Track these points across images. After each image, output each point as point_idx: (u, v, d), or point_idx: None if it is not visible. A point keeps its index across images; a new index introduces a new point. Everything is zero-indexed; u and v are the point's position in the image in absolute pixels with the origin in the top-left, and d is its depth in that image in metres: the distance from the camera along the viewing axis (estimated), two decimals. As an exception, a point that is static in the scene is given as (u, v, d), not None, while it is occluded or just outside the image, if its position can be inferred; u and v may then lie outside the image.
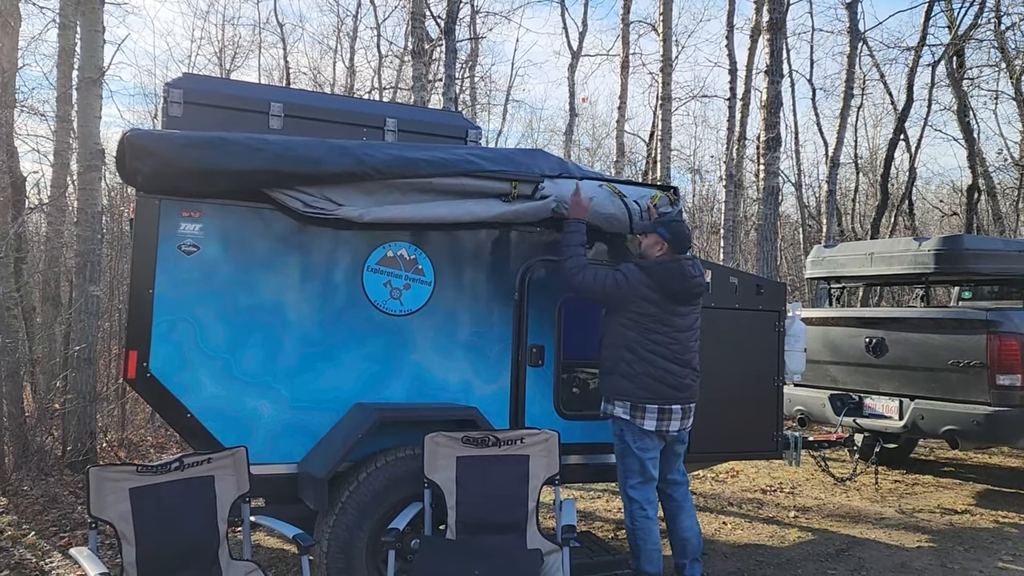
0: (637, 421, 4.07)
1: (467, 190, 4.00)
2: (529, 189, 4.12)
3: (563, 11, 20.21)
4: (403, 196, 3.91)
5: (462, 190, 4.00)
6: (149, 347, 3.66)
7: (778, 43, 9.75)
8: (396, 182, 3.84)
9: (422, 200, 3.95)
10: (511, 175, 4.07)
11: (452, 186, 3.96)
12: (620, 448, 4.16)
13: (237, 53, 21.78)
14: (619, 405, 4.11)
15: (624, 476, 4.16)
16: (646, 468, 4.13)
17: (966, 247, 6.64)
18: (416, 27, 10.34)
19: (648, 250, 4.21)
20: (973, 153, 16.12)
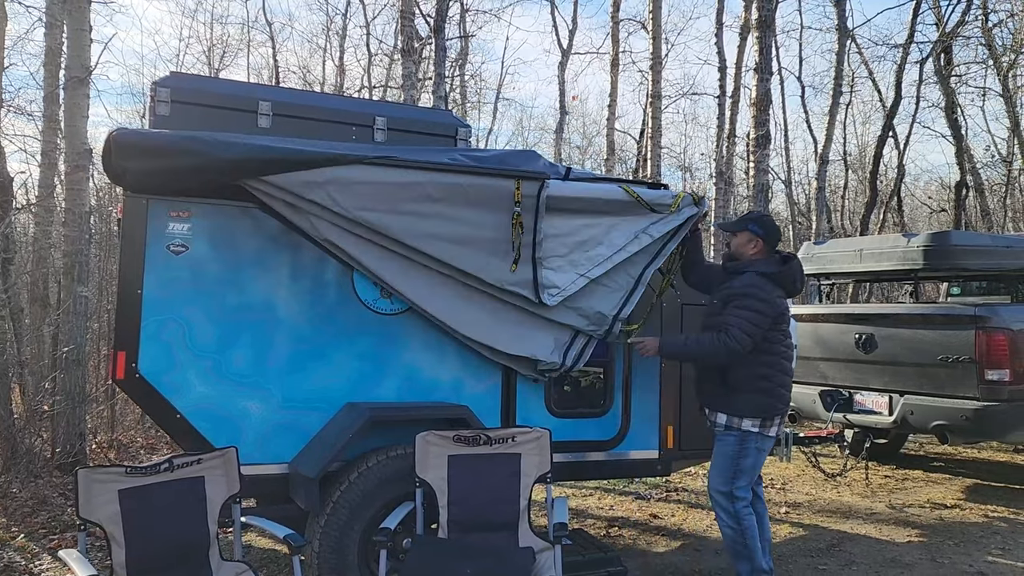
0: (765, 430, 4.10)
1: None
2: (534, 189, 4.05)
3: (553, 9, 20.19)
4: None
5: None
6: (138, 348, 3.65)
7: (767, 41, 9.77)
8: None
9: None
10: (514, 172, 4.08)
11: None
12: (736, 451, 4.09)
13: (226, 52, 21.70)
14: (749, 420, 4.06)
15: (733, 478, 4.11)
16: (757, 470, 4.18)
17: (954, 243, 6.67)
18: (406, 25, 10.32)
19: (740, 249, 4.21)
20: (961, 150, 16.20)
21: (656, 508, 6.32)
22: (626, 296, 4.32)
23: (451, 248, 3.99)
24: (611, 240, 4.25)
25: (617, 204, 4.25)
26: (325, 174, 3.73)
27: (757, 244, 4.12)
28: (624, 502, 6.49)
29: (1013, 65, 16.43)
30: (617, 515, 6.11)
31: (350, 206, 3.79)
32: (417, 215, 3.91)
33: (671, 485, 7.04)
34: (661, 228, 4.34)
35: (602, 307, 4.28)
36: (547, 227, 4.13)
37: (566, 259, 4.18)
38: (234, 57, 23.83)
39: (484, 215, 4.02)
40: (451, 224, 3.97)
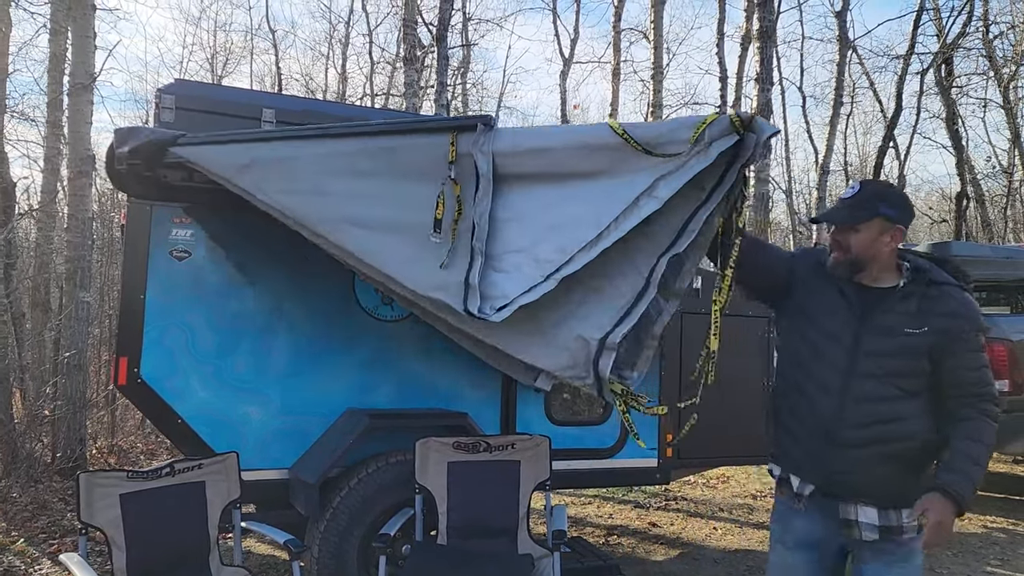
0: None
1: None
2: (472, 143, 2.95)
3: (555, 18, 20.33)
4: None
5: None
6: (140, 353, 3.67)
7: (768, 51, 9.81)
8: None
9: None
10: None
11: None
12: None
13: (229, 59, 21.81)
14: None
15: None
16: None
17: (954, 254, 6.68)
18: (408, 34, 10.38)
19: (867, 250, 2.45)
20: (962, 160, 16.23)
21: (655, 517, 6.32)
22: (627, 308, 2.84)
23: (372, 239, 3.00)
24: (598, 215, 2.80)
25: (603, 153, 2.84)
26: (250, 153, 3.09)
27: (896, 236, 2.44)
28: (623, 510, 6.49)
29: (1014, 77, 16.49)
30: (616, 523, 6.11)
31: (271, 189, 3.06)
32: (341, 195, 3.02)
33: (670, 494, 7.04)
34: (678, 182, 2.75)
35: (587, 330, 2.84)
36: (502, 205, 2.96)
37: (528, 254, 2.88)
38: (237, 64, 23.97)
39: (414, 188, 2.97)
40: (378, 206, 3.01)
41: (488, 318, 2.80)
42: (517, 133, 3.03)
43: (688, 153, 2.74)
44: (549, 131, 3.12)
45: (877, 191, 2.47)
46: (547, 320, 2.90)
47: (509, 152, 2.92)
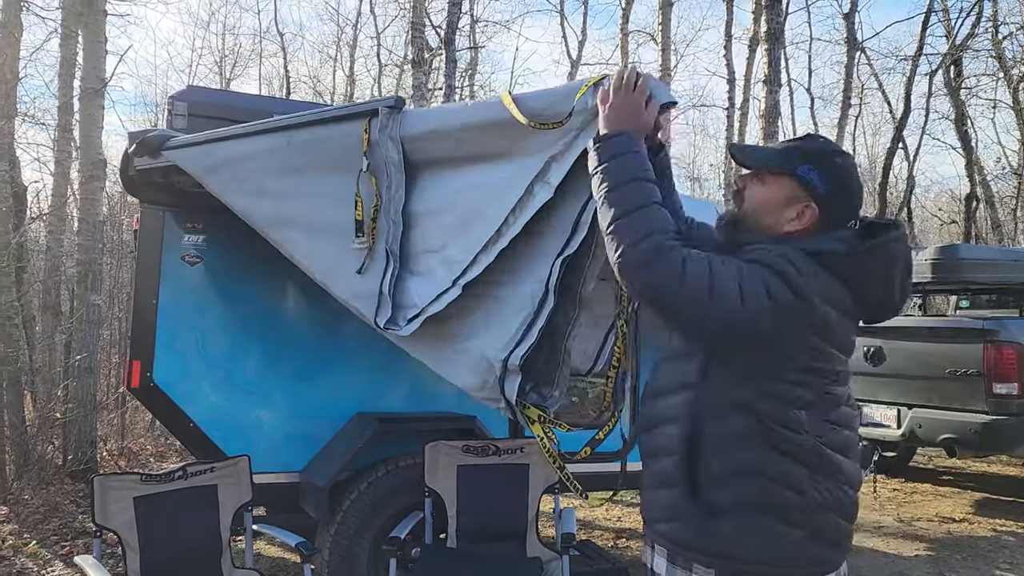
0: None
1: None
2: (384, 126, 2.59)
3: (562, 20, 20.30)
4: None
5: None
6: (153, 357, 3.70)
7: (776, 53, 9.80)
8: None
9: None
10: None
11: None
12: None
13: (237, 62, 21.89)
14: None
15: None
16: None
17: (962, 257, 6.67)
18: (416, 36, 10.41)
19: (766, 211, 1.84)
20: (971, 162, 16.18)
21: (663, 519, 6.30)
22: (528, 321, 2.37)
23: (304, 242, 2.81)
24: (497, 207, 2.40)
25: (501, 131, 2.38)
26: (215, 154, 2.98)
27: (804, 215, 1.80)
28: (632, 513, 6.49)
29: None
30: (625, 526, 6.11)
31: (229, 191, 2.98)
32: (278, 195, 2.85)
33: (679, 496, 7.03)
34: (567, 163, 2.29)
35: (488, 348, 2.42)
36: (418, 197, 2.60)
37: (439, 255, 2.53)
38: (245, 67, 24.03)
39: (337, 184, 2.67)
40: (308, 205, 2.80)
41: (397, 332, 2.53)
42: (425, 115, 2.70)
43: (575, 127, 2.24)
44: (452, 109, 2.76)
45: (809, 148, 1.84)
46: (458, 334, 2.53)
47: (418, 136, 2.55)
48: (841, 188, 1.81)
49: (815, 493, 1.69)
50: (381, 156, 2.58)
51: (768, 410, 1.68)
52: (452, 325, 2.52)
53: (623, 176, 1.79)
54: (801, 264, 1.69)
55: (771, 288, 1.65)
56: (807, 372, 1.70)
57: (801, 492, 1.68)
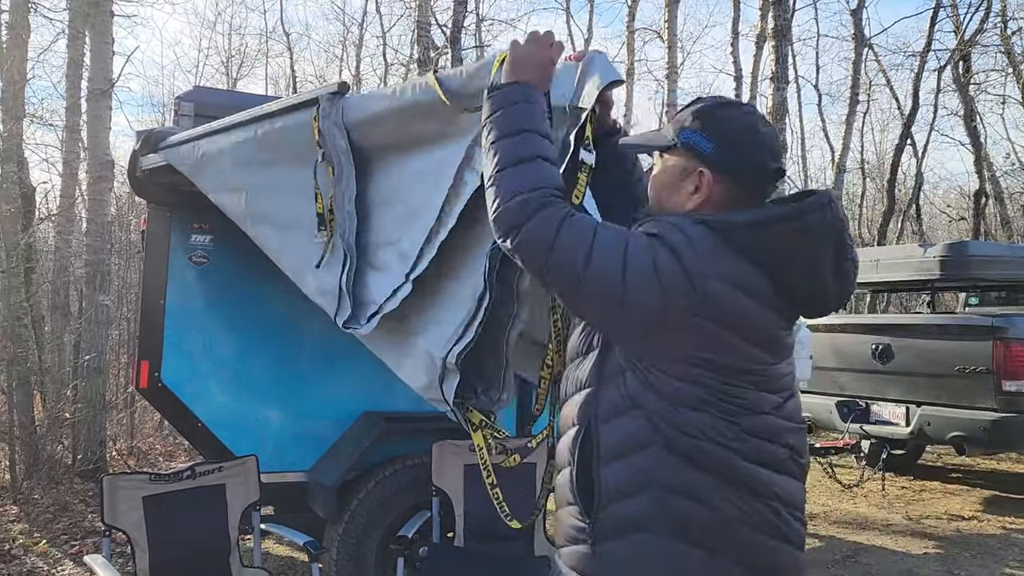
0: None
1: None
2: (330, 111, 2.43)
3: (568, 18, 20.30)
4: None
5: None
6: (161, 357, 3.71)
7: (783, 49, 9.77)
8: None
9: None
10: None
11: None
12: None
13: (244, 62, 21.93)
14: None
15: None
16: None
17: (971, 253, 6.65)
18: (422, 36, 10.42)
19: (660, 198, 1.65)
20: (980, 158, 16.10)
21: (671, 518, 6.30)
22: (469, 316, 2.20)
23: (275, 237, 2.77)
24: (437, 195, 2.26)
25: (432, 112, 2.21)
26: (198, 150, 2.97)
27: (704, 186, 1.56)
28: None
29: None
30: (632, 525, 6.11)
31: (211, 188, 2.98)
32: (252, 189, 2.81)
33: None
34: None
35: (432, 344, 2.29)
36: (374, 187, 2.48)
37: (395, 248, 2.39)
38: (252, 67, 24.11)
39: (303, 177, 2.52)
40: (277, 199, 2.73)
41: (358, 330, 2.42)
42: (364, 99, 2.50)
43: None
44: (386, 93, 2.47)
45: (692, 110, 1.60)
46: (411, 331, 2.40)
47: (361, 122, 2.40)
48: (732, 143, 1.53)
49: (727, 507, 1.43)
50: (331, 145, 2.44)
51: (658, 409, 1.45)
52: (407, 322, 2.41)
53: (511, 127, 1.62)
54: (699, 238, 1.44)
55: (659, 263, 1.41)
56: (701, 366, 1.43)
57: (707, 504, 1.43)
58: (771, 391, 1.50)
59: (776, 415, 1.50)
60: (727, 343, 1.44)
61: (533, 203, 1.50)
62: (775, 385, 1.51)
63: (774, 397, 1.50)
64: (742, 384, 1.46)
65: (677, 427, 1.44)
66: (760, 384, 1.48)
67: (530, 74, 1.70)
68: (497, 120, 1.64)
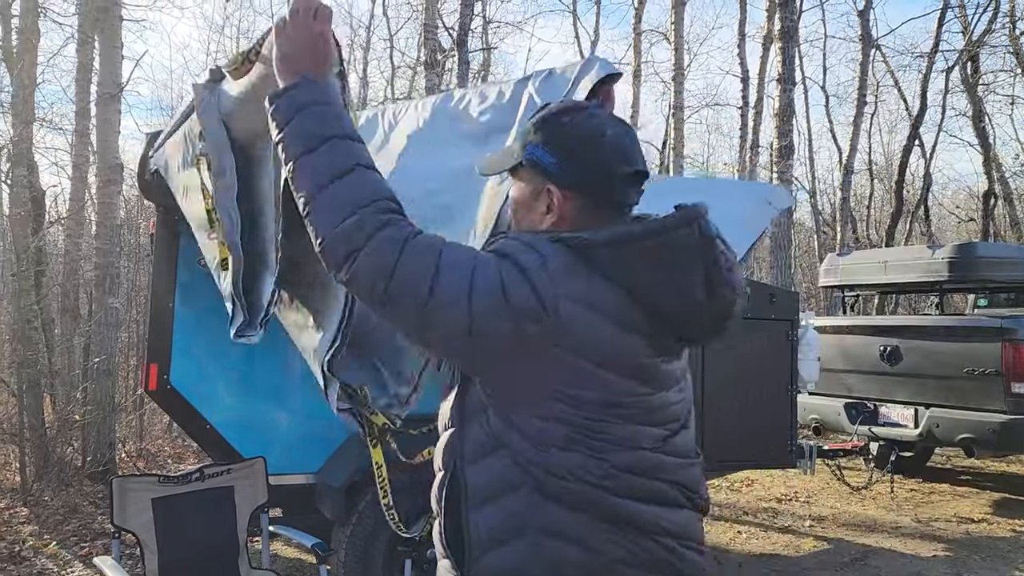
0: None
1: None
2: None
3: (575, 21, 20.27)
4: None
5: None
6: (169, 360, 3.73)
7: (790, 51, 9.76)
8: None
9: None
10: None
11: None
12: None
13: (252, 65, 21.96)
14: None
15: None
16: None
17: (980, 255, 6.64)
18: (429, 38, 10.44)
19: (517, 223, 1.50)
20: (989, 159, 16.04)
21: (679, 520, 6.29)
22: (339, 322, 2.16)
23: (203, 239, 2.72)
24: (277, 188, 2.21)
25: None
26: (162, 153, 2.99)
27: (556, 204, 1.40)
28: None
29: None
30: (640, 527, 6.10)
31: (174, 190, 2.99)
32: (187, 190, 2.76)
33: (694, 497, 7.02)
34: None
35: (320, 350, 2.29)
36: (262, 178, 2.36)
37: (273, 243, 2.29)
38: (260, 70, 24.09)
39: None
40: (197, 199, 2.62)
41: (248, 340, 2.28)
42: (237, 84, 2.20)
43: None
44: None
45: (534, 120, 1.45)
46: (309, 338, 2.31)
47: (232, 111, 2.24)
48: (574, 153, 1.37)
49: (612, 548, 1.30)
50: (211, 138, 2.27)
51: (523, 451, 1.30)
52: (305, 331, 2.30)
53: (312, 138, 1.33)
54: (552, 256, 1.28)
55: (508, 285, 1.25)
56: (564, 402, 1.28)
57: (587, 547, 1.30)
58: (651, 424, 1.35)
59: (658, 450, 1.35)
60: (589, 374, 1.28)
61: (369, 223, 1.27)
62: (656, 417, 1.35)
63: (655, 430, 1.35)
64: (609, 419, 1.30)
65: (545, 469, 1.29)
66: (634, 417, 1.32)
67: (305, 63, 1.41)
68: (291, 135, 1.35)
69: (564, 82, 2.08)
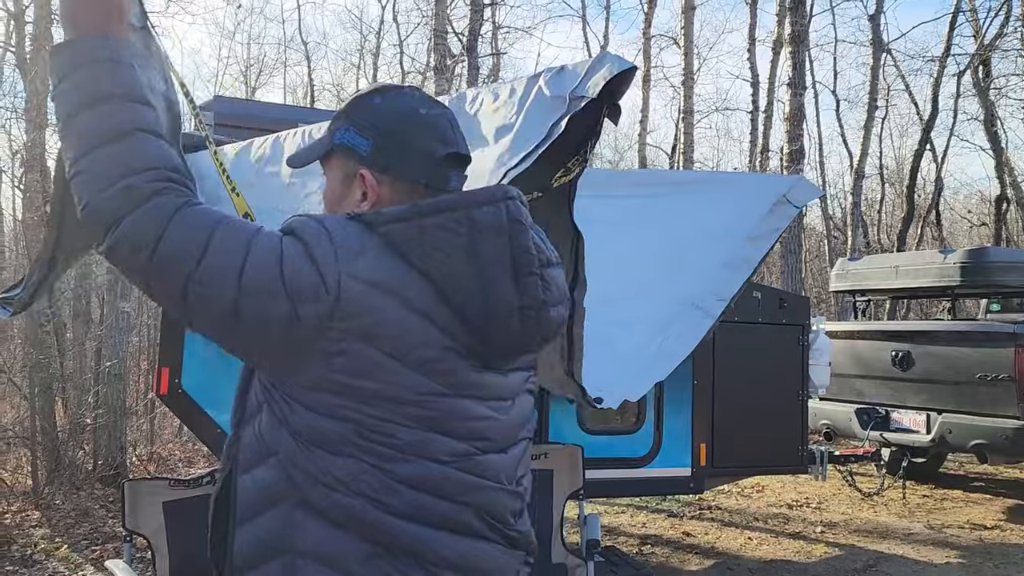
0: None
1: None
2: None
3: (584, 26, 20.37)
4: None
5: None
6: (181, 364, 3.74)
7: (800, 55, 9.74)
8: None
9: None
10: None
11: None
12: None
13: (262, 71, 22.13)
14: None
15: None
16: None
17: (992, 259, 6.60)
18: (439, 44, 10.47)
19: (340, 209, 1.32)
20: (1001, 163, 15.96)
21: (689, 526, 6.28)
22: None
23: None
24: None
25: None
26: None
27: (366, 182, 1.29)
28: (657, 520, 6.47)
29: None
30: (650, 533, 6.09)
31: None
32: None
33: (704, 503, 7.00)
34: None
35: None
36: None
37: None
38: (270, 76, 24.33)
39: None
40: None
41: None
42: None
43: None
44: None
45: (350, 102, 1.36)
46: None
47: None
48: (388, 133, 1.27)
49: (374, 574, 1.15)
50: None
51: (290, 454, 1.16)
52: None
53: (90, 95, 1.18)
54: (340, 231, 1.16)
55: (286, 261, 1.13)
56: (343, 394, 1.13)
57: (345, 573, 1.15)
58: (453, 435, 1.18)
59: (458, 466, 1.18)
60: (375, 364, 1.13)
61: (139, 189, 1.13)
62: (456, 428, 1.18)
63: (456, 443, 1.18)
64: (397, 419, 1.14)
65: (312, 476, 1.14)
66: (429, 423, 1.16)
67: (92, 16, 1.22)
68: (68, 91, 1.19)
69: (575, 77, 2.11)
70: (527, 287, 1.19)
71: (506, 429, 1.26)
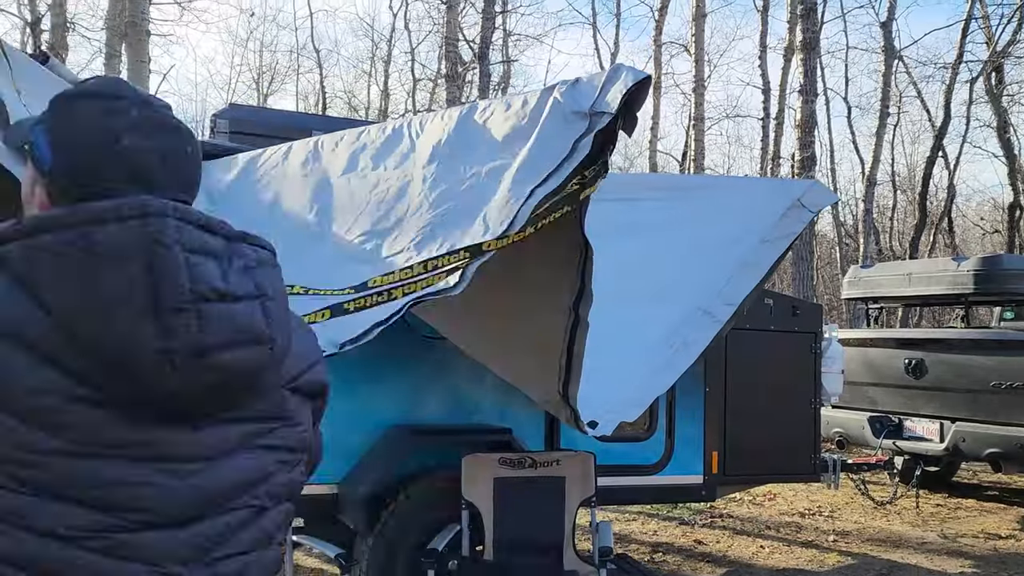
0: None
1: None
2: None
3: (595, 33, 20.39)
4: None
5: None
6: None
7: (812, 62, 9.73)
8: None
9: None
10: None
11: None
12: None
13: (274, 78, 22.27)
14: None
15: None
16: None
17: (1005, 267, 6.57)
18: (450, 51, 10.53)
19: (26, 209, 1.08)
20: (1014, 170, 15.89)
21: (701, 534, 6.26)
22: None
23: None
24: None
25: None
26: None
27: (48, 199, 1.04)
28: (668, 527, 6.45)
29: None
30: (661, 540, 6.07)
31: None
32: None
33: (716, 511, 6.98)
34: None
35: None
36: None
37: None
38: (282, 83, 24.45)
39: None
40: None
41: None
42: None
43: None
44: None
45: (56, 96, 1.09)
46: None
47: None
48: (70, 151, 1.02)
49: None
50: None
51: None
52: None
53: None
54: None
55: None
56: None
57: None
58: (81, 501, 0.92)
59: (88, 547, 0.92)
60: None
61: None
62: (88, 493, 0.92)
63: (92, 514, 0.92)
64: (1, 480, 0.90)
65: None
66: (45, 485, 0.91)
67: None
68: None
69: (592, 90, 2.12)
70: (172, 328, 0.93)
71: (188, 497, 0.98)
